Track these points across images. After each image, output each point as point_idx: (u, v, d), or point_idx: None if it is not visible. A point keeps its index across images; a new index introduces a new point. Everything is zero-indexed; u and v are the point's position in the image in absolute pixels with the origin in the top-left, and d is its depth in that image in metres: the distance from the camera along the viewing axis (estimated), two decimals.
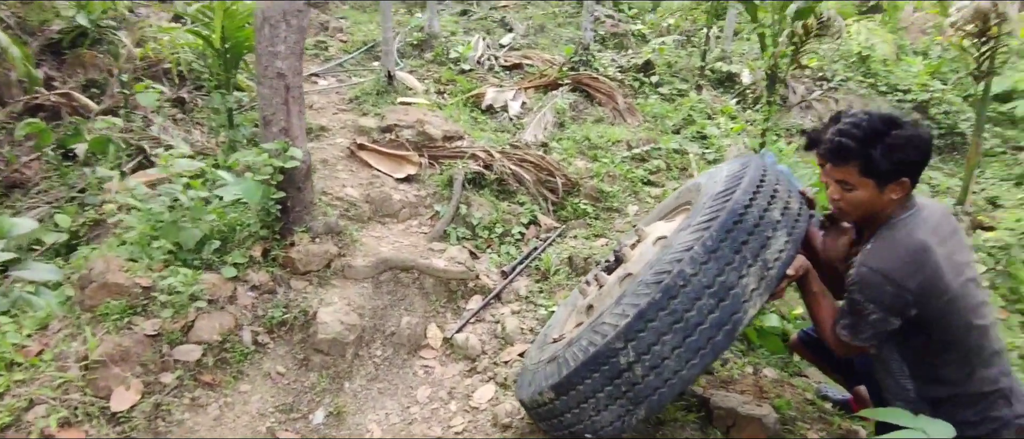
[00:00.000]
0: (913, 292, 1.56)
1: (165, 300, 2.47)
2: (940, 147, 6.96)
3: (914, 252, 1.58)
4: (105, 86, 5.69)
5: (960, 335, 1.64)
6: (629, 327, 1.66)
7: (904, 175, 1.63)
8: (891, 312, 1.59)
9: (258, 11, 2.99)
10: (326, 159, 4.42)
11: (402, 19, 8.35)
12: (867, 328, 1.65)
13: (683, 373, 1.64)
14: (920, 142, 1.62)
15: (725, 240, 1.69)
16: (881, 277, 1.56)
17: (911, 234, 1.61)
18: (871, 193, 1.65)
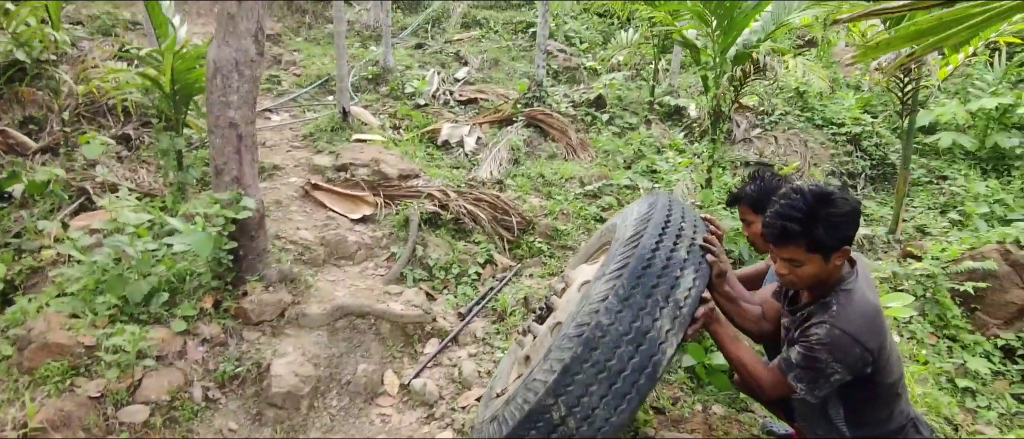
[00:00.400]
0: (874, 353, 1.68)
1: (110, 359, 2.40)
2: (873, 177, 7.39)
3: (874, 316, 1.72)
4: (44, 123, 5.49)
5: (892, 380, 1.79)
6: (557, 383, 1.73)
7: (845, 244, 1.76)
8: (852, 371, 1.69)
9: (210, 61, 2.98)
10: (279, 200, 4.38)
11: (357, 53, 8.37)
12: (826, 386, 1.72)
13: (613, 420, 1.70)
14: (855, 214, 1.75)
15: (636, 286, 1.77)
16: (851, 340, 1.65)
17: (866, 298, 1.74)
18: (818, 266, 1.76)
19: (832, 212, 1.70)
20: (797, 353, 1.76)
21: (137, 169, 5.02)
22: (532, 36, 9.83)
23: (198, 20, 9.07)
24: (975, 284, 4.57)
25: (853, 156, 7.35)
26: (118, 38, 6.93)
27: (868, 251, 5.72)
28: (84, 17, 7.14)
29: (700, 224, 2.06)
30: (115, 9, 7.56)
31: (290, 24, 9.96)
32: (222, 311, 2.92)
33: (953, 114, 7.41)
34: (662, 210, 2.00)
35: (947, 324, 4.56)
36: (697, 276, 1.84)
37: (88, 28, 6.98)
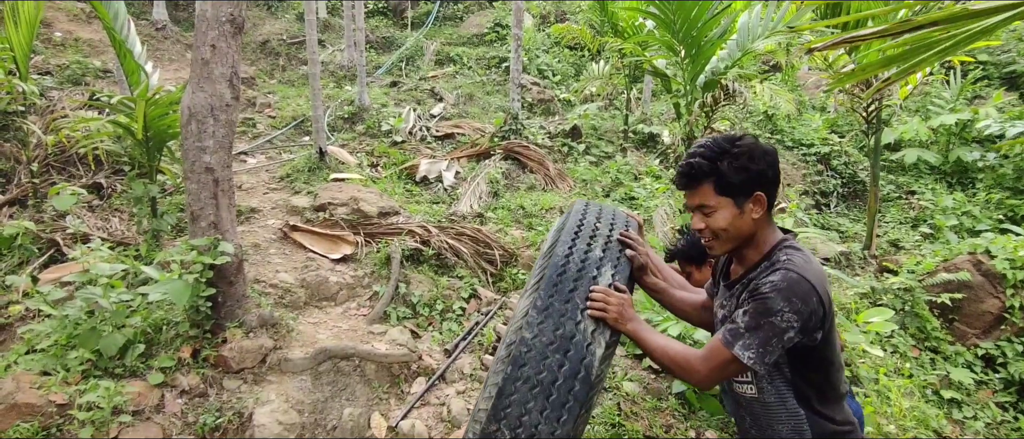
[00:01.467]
0: (826, 307, 1.53)
1: (84, 418, 2.30)
2: (845, 195, 7.57)
3: (824, 276, 1.58)
4: (11, 175, 5.37)
5: (838, 365, 1.65)
6: (495, 408, 1.70)
7: (758, 189, 1.61)
8: (805, 325, 1.51)
9: (184, 107, 2.96)
10: (258, 243, 4.31)
11: (332, 93, 8.40)
12: (778, 345, 1.51)
13: (559, 433, 1.67)
14: (764, 152, 1.62)
15: (553, 294, 1.75)
16: (809, 284, 1.49)
17: (809, 258, 1.61)
18: (731, 212, 1.63)
19: (740, 149, 1.61)
20: (743, 314, 1.58)
21: (109, 218, 4.92)
22: (505, 71, 9.98)
23: (170, 66, 9.03)
24: (951, 295, 4.67)
25: (824, 175, 7.53)
26: (88, 87, 6.85)
27: (846, 268, 5.82)
28: (53, 67, 7.07)
29: (619, 220, 1.98)
30: (85, 59, 7.50)
31: (264, 67, 9.98)
32: (201, 360, 2.84)
33: (916, 131, 7.67)
34: (576, 215, 1.97)
35: (928, 336, 4.63)
36: (616, 272, 1.80)
37: (57, 77, 6.90)
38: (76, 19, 8.72)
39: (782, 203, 6.55)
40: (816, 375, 1.62)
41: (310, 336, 3.32)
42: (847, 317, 4.66)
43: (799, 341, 1.53)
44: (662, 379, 3.39)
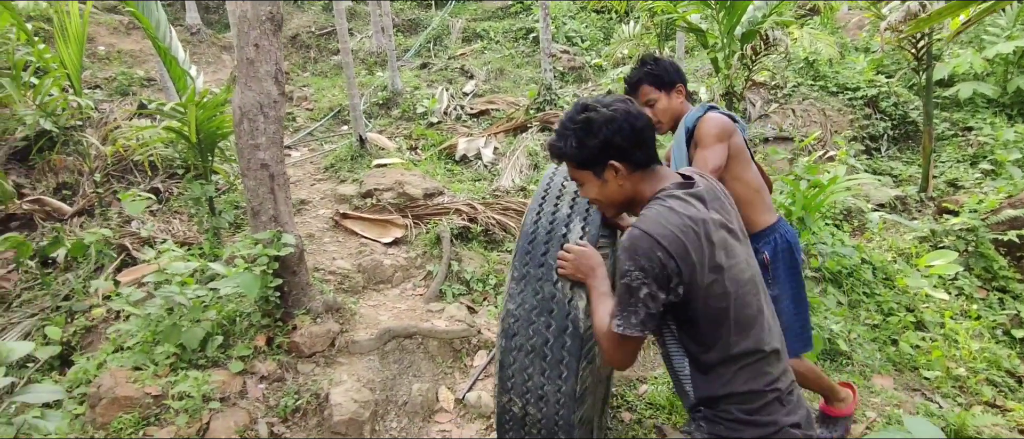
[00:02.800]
0: (679, 262, 1.40)
1: (178, 406, 2.46)
2: (895, 138, 7.28)
3: (684, 225, 1.43)
4: (76, 187, 5.66)
5: (716, 329, 1.46)
6: (501, 380, 1.79)
7: (609, 158, 1.53)
8: (659, 282, 1.41)
9: (235, 107, 3.06)
10: (312, 233, 4.45)
11: (364, 80, 8.49)
12: (641, 308, 1.43)
13: (565, 389, 1.71)
14: (604, 122, 1.52)
15: (527, 263, 1.80)
16: (650, 240, 1.40)
17: (678, 209, 1.46)
18: (596, 184, 1.59)
19: (577, 125, 1.54)
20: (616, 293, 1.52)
21: (170, 220, 5.15)
22: (533, 41, 9.88)
23: (207, 69, 9.28)
24: (1019, 232, 4.48)
25: (872, 119, 7.25)
26: (136, 97, 7.12)
27: (902, 212, 5.64)
28: (101, 80, 7.35)
29: None
30: (129, 69, 7.77)
31: (296, 61, 10.14)
32: (275, 347, 2.98)
33: (970, 64, 7.29)
34: (545, 180, 2.00)
35: (995, 276, 4.47)
36: (586, 223, 1.81)
37: (106, 90, 7.18)
38: (116, 31, 9.01)
39: (830, 151, 6.36)
40: (695, 333, 1.48)
41: (372, 318, 3.44)
42: (908, 262, 4.54)
43: (665, 298, 1.43)
44: None
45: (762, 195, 2.37)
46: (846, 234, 4.76)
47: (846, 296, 3.97)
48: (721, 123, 2.27)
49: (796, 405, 1.49)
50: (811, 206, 3.84)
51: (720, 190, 1.63)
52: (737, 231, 1.57)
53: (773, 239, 2.35)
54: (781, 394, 1.45)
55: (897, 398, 3.11)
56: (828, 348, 3.36)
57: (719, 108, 2.35)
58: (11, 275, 4.67)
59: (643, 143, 1.54)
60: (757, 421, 1.42)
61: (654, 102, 2.40)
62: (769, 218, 2.37)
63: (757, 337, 1.45)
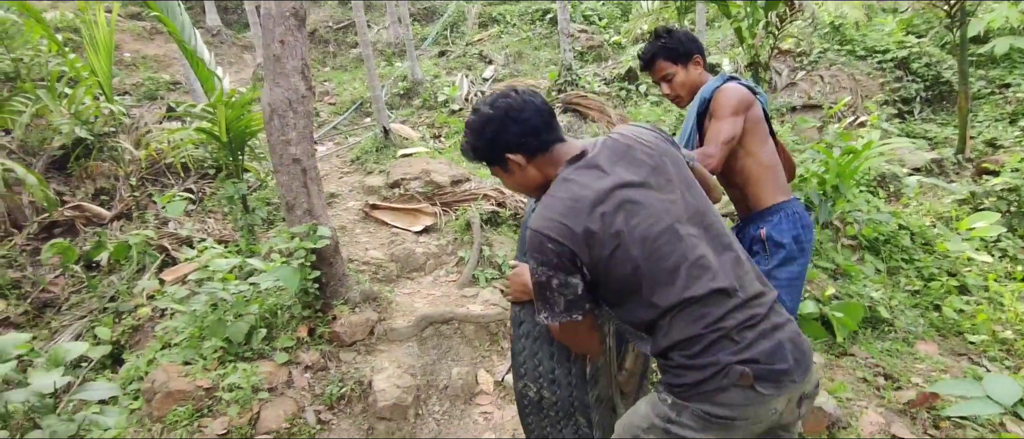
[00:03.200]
0: (570, 243, 1.41)
1: (229, 397, 2.54)
2: (929, 99, 7.07)
3: (568, 204, 1.43)
4: (114, 192, 5.81)
5: (644, 288, 1.43)
6: (515, 368, 1.82)
7: (501, 154, 1.56)
8: (564, 270, 1.42)
9: (265, 105, 3.11)
10: (343, 225, 4.52)
11: (384, 71, 8.52)
12: (558, 298, 1.45)
13: (574, 371, 1.74)
14: (486, 121, 1.55)
15: (525, 250, 1.77)
16: (538, 236, 1.42)
17: (564, 188, 1.48)
18: (507, 176, 1.62)
19: (471, 128, 1.59)
20: None
21: (206, 219, 5.27)
22: (550, 23, 9.80)
23: (230, 69, 9.41)
24: None
25: (904, 81, 7.05)
26: (163, 100, 7.27)
27: (939, 175, 5.49)
28: (129, 87, 7.51)
29: None
30: (155, 74, 7.92)
31: (316, 56, 10.22)
32: (317, 337, 3.05)
33: (1005, 17, 7.02)
34: None
35: None
36: None
37: (135, 96, 7.34)
38: (140, 38, 9.18)
39: (861, 117, 6.21)
40: (618, 301, 1.48)
41: (408, 306, 3.49)
42: (947, 226, 4.43)
43: (579, 281, 1.44)
44: None
45: (773, 173, 2.22)
46: (882, 201, 4.67)
47: (884, 263, 3.90)
48: (739, 94, 2.17)
49: (757, 338, 1.37)
50: (845, 173, 3.77)
51: (637, 137, 1.55)
52: (660, 179, 1.49)
53: (776, 218, 2.18)
54: (729, 331, 1.37)
55: (943, 364, 3.06)
56: (869, 316, 3.31)
57: (741, 78, 2.26)
58: (59, 280, 4.84)
59: (531, 131, 1.54)
60: (696, 364, 1.38)
61: (672, 76, 2.32)
62: (777, 197, 2.20)
63: (684, 286, 1.39)
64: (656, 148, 1.53)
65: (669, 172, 1.50)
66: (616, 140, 1.54)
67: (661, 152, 1.53)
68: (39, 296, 4.71)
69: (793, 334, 1.42)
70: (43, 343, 4.16)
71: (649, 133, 1.59)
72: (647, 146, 1.53)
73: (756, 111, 2.21)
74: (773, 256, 2.17)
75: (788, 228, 2.16)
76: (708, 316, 1.38)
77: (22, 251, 5.09)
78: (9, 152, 5.75)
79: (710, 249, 1.45)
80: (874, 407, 2.66)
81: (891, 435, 2.50)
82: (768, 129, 2.27)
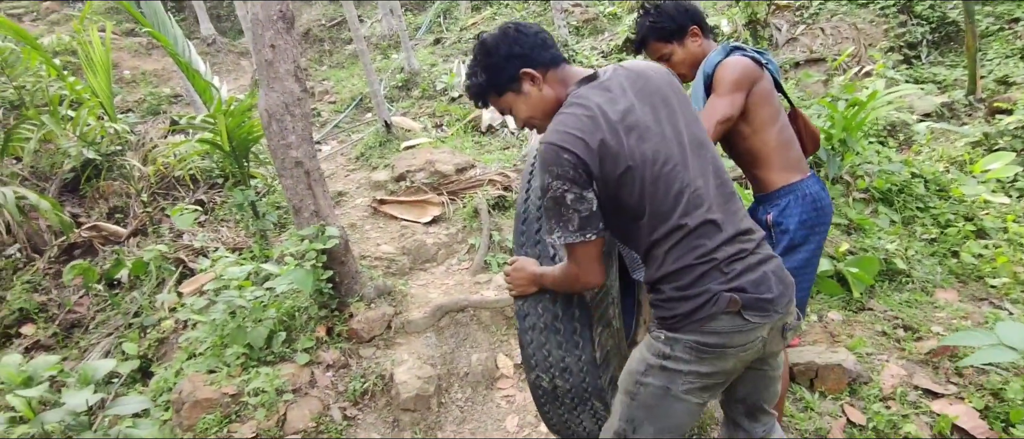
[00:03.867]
0: (583, 155, 1.42)
1: (255, 402, 2.59)
2: (935, 42, 6.91)
3: (580, 117, 1.46)
4: (127, 210, 5.89)
5: (647, 211, 1.46)
6: (525, 359, 1.83)
7: (519, 68, 1.58)
8: (576, 183, 1.43)
9: (262, 110, 3.12)
10: (353, 223, 4.55)
11: (380, 65, 8.50)
12: (573, 214, 1.46)
13: (584, 357, 1.75)
14: (495, 40, 1.58)
15: (523, 244, 1.81)
16: (553, 148, 1.44)
17: (578, 104, 1.50)
18: (521, 101, 1.62)
19: (479, 54, 1.61)
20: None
21: (218, 228, 5.33)
22: (544, 0, 9.68)
23: (227, 77, 9.44)
24: None
25: (908, 25, 6.89)
26: (166, 114, 7.32)
27: (950, 119, 5.39)
28: (131, 104, 7.57)
29: None
30: (156, 89, 7.97)
31: (312, 56, 10.21)
32: (336, 336, 3.09)
33: None
34: (530, 157, 1.97)
35: None
36: None
37: (138, 112, 7.40)
38: (138, 54, 9.23)
39: (867, 66, 6.10)
40: (619, 226, 1.53)
41: (423, 297, 3.51)
42: (961, 170, 4.36)
43: (593, 196, 1.46)
44: None
45: (785, 153, 2.03)
46: (892, 150, 4.59)
47: (899, 214, 3.85)
48: (741, 68, 1.95)
49: (744, 270, 1.43)
50: (851, 126, 3.71)
51: (647, 68, 1.59)
52: (667, 109, 1.52)
53: (785, 201, 2.01)
54: (718, 263, 1.42)
55: (963, 311, 3.03)
56: (885, 268, 3.28)
57: (747, 47, 2.04)
58: (83, 300, 4.94)
59: (542, 43, 1.58)
60: (687, 295, 1.42)
61: (669, 55, 2.12)
62: (789, 177, 2.02)
63: (685, 211, 1.43)
64: (664, 79, 1.58)
65: (674, 104, 1.54)
66: (628, 69, 1.58)
67: (668, 83, 1.57)
68: (66, 317, 4.81)
69: (776, 268, 1.48)
70: (74, 363, 4.26)
71: (655, 68, 1.61)
72: (656, 77, 1.57)
73: (764, 85, 2.00)
74: (778, 243, 2.02)
75: (796, 211, 1.99)
76: (700, 248, 1.42)
77: (45, 275, 5.19)
78: (22, 180, 5.84)
79: (706, 181, 1.49)
80: (895, 359, 2.65)
81: (914, 386, 2.50)
82: (782, 101, 2.09)
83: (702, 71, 2.04)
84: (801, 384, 2.53)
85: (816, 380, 2.50)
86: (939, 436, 2.26)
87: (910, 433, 2.25)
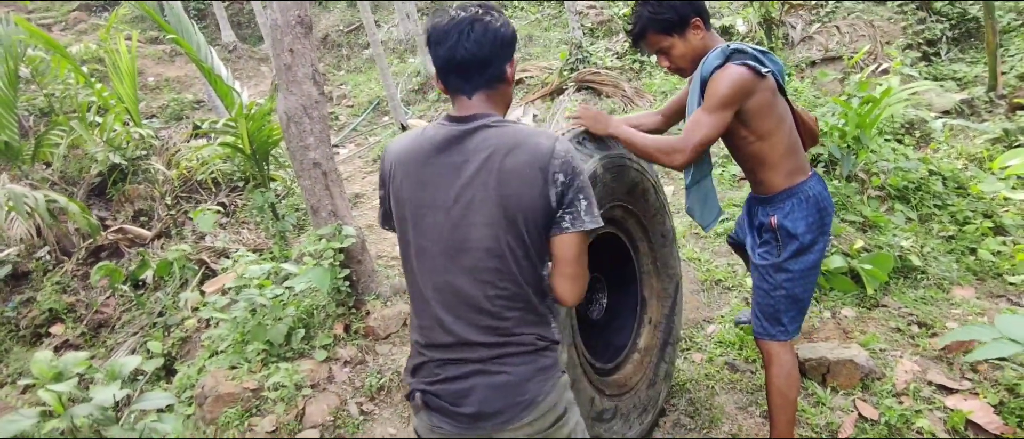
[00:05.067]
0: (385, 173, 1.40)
1: (275, 396, 2.67)
2: (955, 38, 6.82)
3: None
4: (152, 212, 6.05)
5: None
6: None
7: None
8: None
9: (281, 113, 3.20)
10: (370, 223, 4.63)
11: (397, 68, 8.61)
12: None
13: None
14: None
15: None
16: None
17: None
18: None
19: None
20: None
21: (239, 230, 5.45)
22: (558, 1, 9.72)
23: (248, 83, 9.63)
24: None
25: (927, 22, 6.81)
26: (189, 119, 7.50)
27: (969, 116, 5.32)
28: (156, 109, 7.77)
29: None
30: (178, 95, 8.17)
31: (330, 61, 10.37)
32: (353, 333, 3.16)
33: None
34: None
35: None
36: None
37: (161, 118, 7.59)
38: (161, 61, 9.45)
39: (883, 64, 6.04)
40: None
41: None
42: (981, 167, 4.31)
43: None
44: None
45: (791, 157, 1.97)
46: (909, 147, 4.55)
47: (916, 211, 3.82)
48: (735, 83, 1.82)
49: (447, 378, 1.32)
50: (865, 123, 3.69)
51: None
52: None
53: (789, 204, 1.97)
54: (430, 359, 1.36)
55: (980, 307, 3.01)
56: (900, 265, 3.26)
57: (749, 49, 1.90)
58: (109, 301, 5.08)
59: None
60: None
61: (668, 49, 1.98)
62: (794, 179, 1.98)
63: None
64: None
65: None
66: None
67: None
68: (93, 317, 4.96)
69: (500, 382, 1.30)
70: (101, 361, 4.39)
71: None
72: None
73: (763, 95, 1.88)
74: (785, 247, 1.98)
75: (802, 215, 1.95)
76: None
77: (74, 277, 5.36)
78: (51, 184, 6.03)
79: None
80: (909, 355, 2.64)
81: (927, 382, 2.49)
82: (785, 105, 2.00)
83: (699, 73, 1.94)
84: (813, 379, 2.53)
85: (828, 375, 2.50)
86: (952, 431, 2.25)
87: (923, 428, 2.24)
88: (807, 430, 2.32)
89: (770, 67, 1.91)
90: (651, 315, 2.37)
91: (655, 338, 2.35)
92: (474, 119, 1.32)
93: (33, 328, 4.89)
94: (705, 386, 2.60)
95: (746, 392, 2.51)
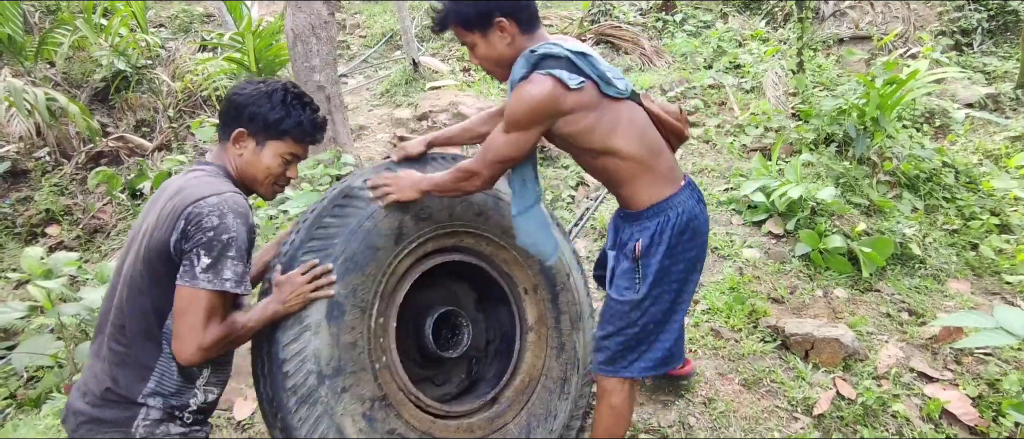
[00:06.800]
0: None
1: None
2: (991, 30, 6.58)
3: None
4: (153, 124, 6.00)
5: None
6: None
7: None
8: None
9: (288, 30, 3.11)
10: (371, 156, 4.57)
11: (414, 3, 8.37)
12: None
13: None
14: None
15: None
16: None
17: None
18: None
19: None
20: None
21: None
22: None
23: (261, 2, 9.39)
24: None
25: (965, 10, 6.55)
26: (197, 33, 7.34)
27: (994, 111, 5.18)
28: (164, 19, 7.60)
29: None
30: (189, 7, 7.98)
31: None
32: None
33: None
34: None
35: None
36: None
37: (170, 28, 7.43)
38: None
39: (913, 48, 5.85)
40: None
41: None
42: (996, 164, 4.22)
43: None
44: (783, 243, 3.32)
45: (651, 167, 1.69)
46: (926, 136, 4.45)
47: (923, 201, 3.76)
48: (533, 101, 1.55)
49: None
50: (886, 105, 3.59)
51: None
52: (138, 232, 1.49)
53: (654, 223, 1.69)
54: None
55: (974, 302, 2.99)
56: (899, 252, 3.23)
57: (564, 52, 1.58)
58: (106, 207, 5.09)
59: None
60: None
61: (471, 46, 1.68)
62: (657, 193, 1.70)
63: None
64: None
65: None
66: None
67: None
68: (89, 222, 4.98)
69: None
70: (94, 265, 4.42)
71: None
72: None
73: (577, 112, 1.59)
74: (643, 281, 1.70)
75: (666, 239, 1.68)
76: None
77: (72, 180, 5.35)
78: (54, 84, 5.95)
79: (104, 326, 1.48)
80: (895, 341, 2.64)
81: (909, 368, 2.49)
82: (635, 104, 1.71)
83: (511, 82, 1.66)
84: (796, 354, 2.53)
85: (811, 351, 2.50)
86: (927, 418, 2.26)
87: (898, 412, 2.25)
88: (783, 402, 2.34)
89: (590, 74, 1.60)
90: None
91: (537, 368, 2.11)
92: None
93: (29, 227, 4.91)
94: (687, 350, 2.60)
95: (728, 359, 2.52)
